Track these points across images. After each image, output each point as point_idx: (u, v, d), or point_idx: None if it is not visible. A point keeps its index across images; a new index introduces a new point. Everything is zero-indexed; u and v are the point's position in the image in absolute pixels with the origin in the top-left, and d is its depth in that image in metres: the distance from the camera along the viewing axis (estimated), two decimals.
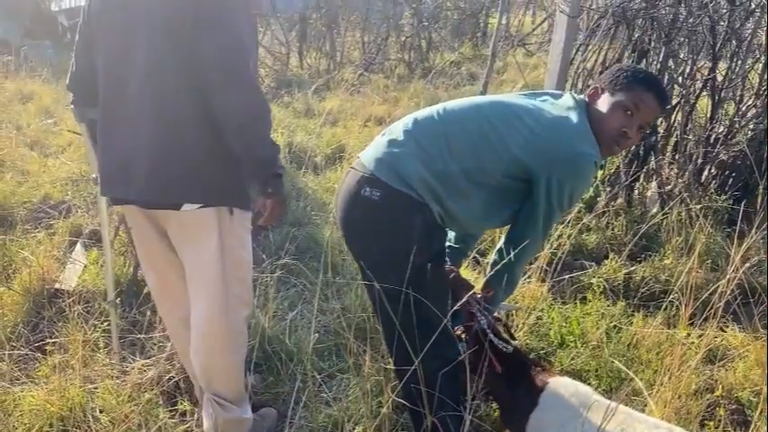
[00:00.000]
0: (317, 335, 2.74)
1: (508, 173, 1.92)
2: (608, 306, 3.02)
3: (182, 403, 2.45)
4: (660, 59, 3.87)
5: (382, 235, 1.95)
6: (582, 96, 2.06)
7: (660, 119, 4.10)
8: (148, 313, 2.97)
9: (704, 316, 2.43)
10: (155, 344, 2.74)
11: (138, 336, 2.75)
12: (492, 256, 2.19)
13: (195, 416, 2.41)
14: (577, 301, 3.10)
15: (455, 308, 1.90)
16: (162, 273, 2.16)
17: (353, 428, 2.12)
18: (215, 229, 1.92)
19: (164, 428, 2.30)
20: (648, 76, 2.03)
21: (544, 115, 1.93)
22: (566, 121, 1.93)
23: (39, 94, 7.25)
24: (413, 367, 1.82)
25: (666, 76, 3.93)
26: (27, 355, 2.68)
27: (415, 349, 1.85)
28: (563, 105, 1.99)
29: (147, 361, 2.63)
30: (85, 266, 3.44)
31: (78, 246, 3.68)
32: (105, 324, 2.77)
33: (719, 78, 3.97)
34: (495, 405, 2.31)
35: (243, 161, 1.84)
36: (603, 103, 1.99)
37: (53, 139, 5.77)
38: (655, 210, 3.97)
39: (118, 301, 2.98)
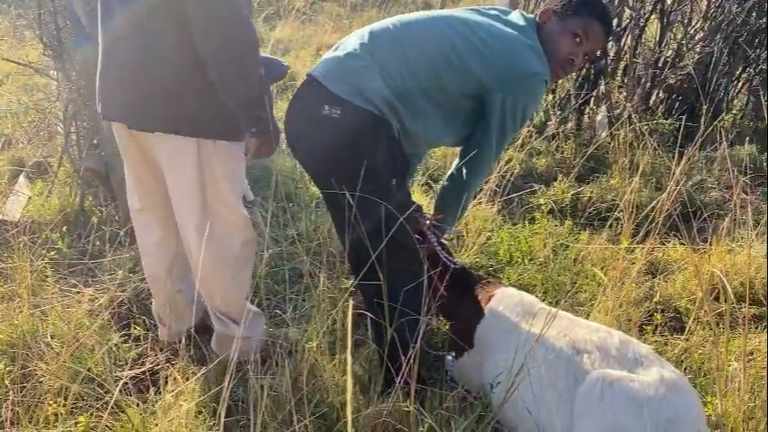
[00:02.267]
0: (270, 251, 2.74)
1: (465, 91, 1.91)
2: (555, 226, 3.10)
3: (135, 328, 2.44)
4: None
5: (346, 154, 1.89)
6: (531, 15, 2.04)
7: (611, 43, 4.12)
8: (97, 242, 2.93)
9: (646, 231, 2.52)
10: (105, 271, 2.71)
11: (89, 262, 2.71)
12: (443, 182, 2.21)
13: (149, 339, 2.42)
14: (526, 222, 3.17)
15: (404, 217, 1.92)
16: (143, 195, 2.16)
17: (307, 344, 2.15)
18: (193, 158, 1.91)
19: (116, 351, 2.31)
20: (599, 4, 2.03)
21: (499, 32, 1.91)
22: (520, 39, 1.91)
23: None
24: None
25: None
26: None
27: (381, 264, 1.83)
28: (515, 23, 1.96)
29: (99, 287, 2.60)
30: (29, 198, 3.34)
31: (21, 177, 3.57)
32: (53, 253, 2.72)
33: (669, 1, 3.99)
34: (443, 319, 2.37)
35: (225, 98, 1.80)
36: (554, 28, 1.98)
37: None
38: (604, 134, 4.03)
39: (65, 230, 2.94)
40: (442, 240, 2.28)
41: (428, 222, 2.20)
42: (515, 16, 1.99)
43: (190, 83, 1.82)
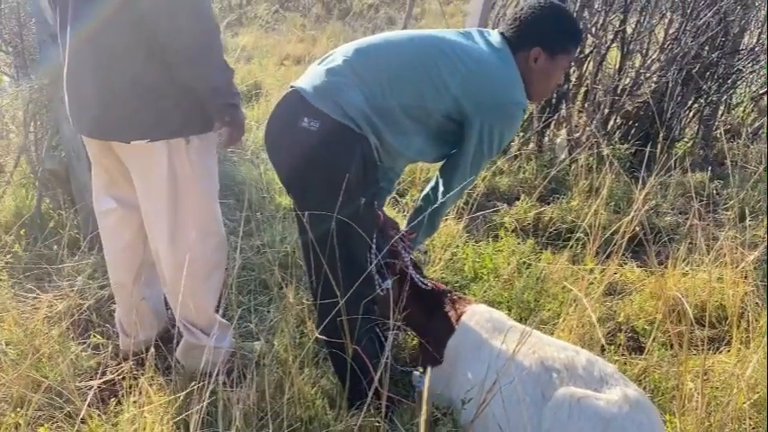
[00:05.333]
0: (237, 261, 2.70)
1: (446, 112, 1.92)
2: (518, 243, 3.16)
3: (94, 336, 2.38)
4: (576, 8, 3.98)
5: (319, 167, 1.89)
6: (504, 33, 2.04)
7: (573, 68, 4.25)
8: (55, 246, 2.85)
9: (607, 253, 2.60)
10: (64, 277, 2.63)
11: (46, 267, 2.63)
12: (417, 201, 2.23)
13: (109, 348, 2.36)
14: (490, 239, 3.23)
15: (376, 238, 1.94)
16: (116, 199, 2.13)
17: (275, 358, 2.14)
18: (164, 160, 1.90)
19: (76, 361, 2.24)
20: (578, 30, 2.08)
21: (483, 59, 1.92)
22: (502, 66, 1.93)
23: None
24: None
25: (581, 26, 4.05)
26: None
27: (338, 284, 1.83)
28: (497, 49, 1.97)
29: (57, 293, 2.52)
30: None
31: None
32: (8, 257, 2.63)
33: (629, 31, 4.14)
34: (413, 333, 2.39)
35: (197, 92, 1.80)
36: (546, 65, 1.98)
37: None
38: (563, 156, 4.14)
39: (22, 233, 2.84)
40: (414, 258, 2.30)
41: (402, 241, 2.22)
42: (496, 39, 2.00)
43: (155, 85, 1.81)
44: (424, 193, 2.19)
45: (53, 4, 1.93)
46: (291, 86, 1.95)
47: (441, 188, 2.08)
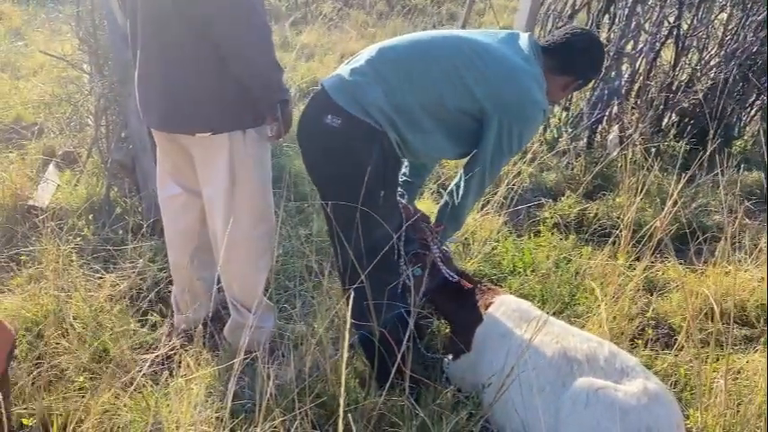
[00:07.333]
0: (282, 246, 2.86)
1: (464, 109, 2.01)
2: (560, 239, 3.19)
3: (152, 314, 2.58)
4: (629, 5, 3.95)
5: (340, 161, 2.03)
6: (539, 41, 2.13)
7: (625, 65, 4.21)
8: (120, 231, 3.08)
9: (649, 249, 2.60)
10: (127, 259, 2.85)
11: (111, 250, 2.86)
12: (444, 196, 2.33)
13: (165, 326, 2.55)
14: (531, 234, 3.27)
15: (402, 229, 2.04)
16: (180, 185, 2.32)
17: (310, 340, 2.27)
18: (225, 150, 2.09)
19: (134, 335, 2.44)
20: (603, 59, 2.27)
21: (504, 57, 2.00)
22: (524, 66, 2.01)
23: (8, 14, 7.09)
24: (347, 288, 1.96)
25: (634, 22, 4.01)
26: (1, 265, 2.78)
27: (362, 271, 1.94)
28: (522, 50, 2.05)
29: (120, 274, 2.74)
30: (58, 186, 3.51)
31: (51, 166, 3.73)
32: (78, 239, 2.87)
33: (684, 27, 4.07)
34: (445, 322, 2.48)
35: (252, 89, 1.98)
36: (568, 83, 2.14)
37: (24, 62, 5.71)
38: (615, 153, 4.11)
39: (90, 217, 3.09)
40: (445, 249, 2.38)
41: (431, 234, 2.31)
42: (524, 42, 2.07)
43: (214, 85, 1.98)
44: (450, 187, 2.28)
45: (123, 7, 2.13)
46: (321, 84, 2.08)
47: (461, 185, 2.17)
